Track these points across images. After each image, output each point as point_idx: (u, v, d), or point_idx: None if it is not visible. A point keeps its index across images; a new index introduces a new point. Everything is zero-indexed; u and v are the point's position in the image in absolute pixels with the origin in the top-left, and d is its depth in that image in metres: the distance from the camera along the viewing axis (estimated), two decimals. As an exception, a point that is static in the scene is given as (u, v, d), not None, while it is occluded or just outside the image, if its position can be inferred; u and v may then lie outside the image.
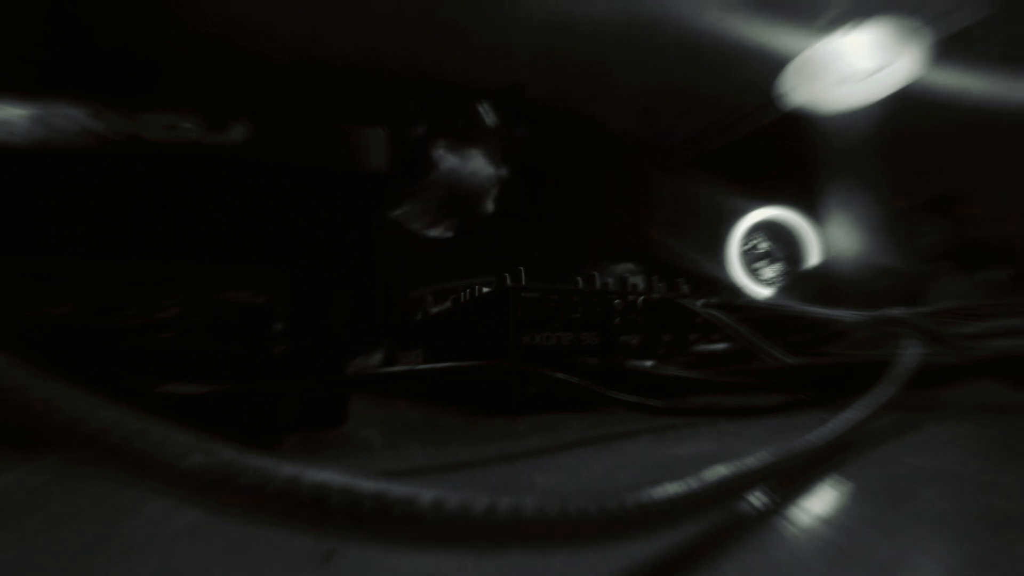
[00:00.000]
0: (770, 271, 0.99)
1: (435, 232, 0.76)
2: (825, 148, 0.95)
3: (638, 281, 0.40)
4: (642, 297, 0.39)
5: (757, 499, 0.14)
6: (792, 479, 0.16)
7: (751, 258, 0.98)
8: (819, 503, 0.15)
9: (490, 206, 0.78)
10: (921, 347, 0.30)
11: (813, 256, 0.97)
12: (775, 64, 0.86)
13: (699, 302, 0.40)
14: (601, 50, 0.86)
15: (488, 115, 0.79)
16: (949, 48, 0.76)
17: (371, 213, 0.29)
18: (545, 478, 0.19)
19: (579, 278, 0.38)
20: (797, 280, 0.93)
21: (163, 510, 0.15)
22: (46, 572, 0.12)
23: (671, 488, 0.10)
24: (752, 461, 0.13)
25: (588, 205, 1.01)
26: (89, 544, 0.13)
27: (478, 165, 0.76)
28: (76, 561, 0.12)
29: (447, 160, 0.75)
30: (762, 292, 0.96)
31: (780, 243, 0.99)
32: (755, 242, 0.99)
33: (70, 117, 0.23)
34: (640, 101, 1.01)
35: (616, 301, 0.38)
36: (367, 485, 0.07)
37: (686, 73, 0.92)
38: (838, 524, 0.14)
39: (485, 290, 0.39)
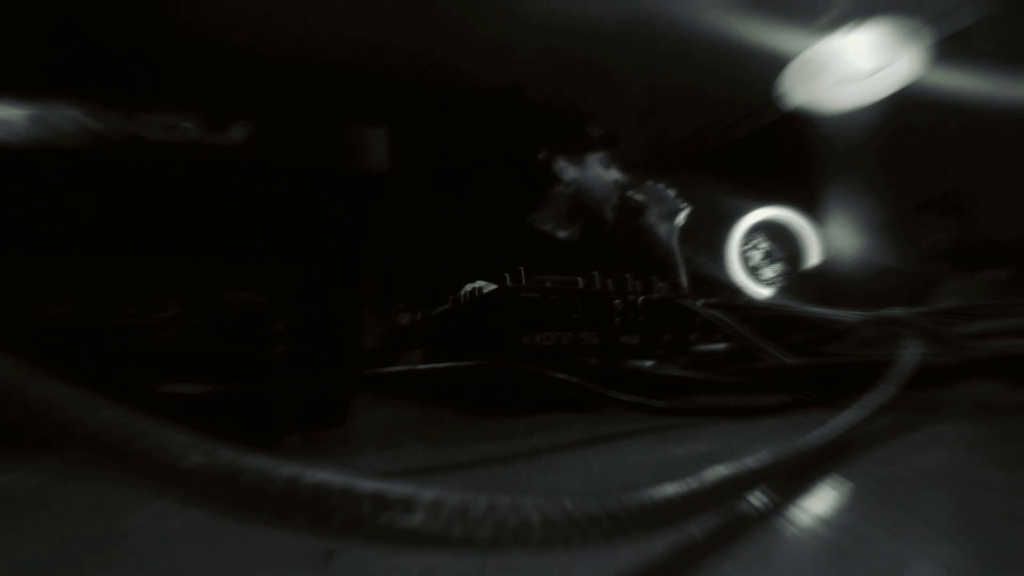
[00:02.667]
0: (770, 271, 0.99)
1: (565, 235, 0.80)
2: (825, 148, 0.95)
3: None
4: (642, 297, 0.39)
5: (757, 499, 0.14)
6: (792, 479, 0.16)
7: (751, 258, 0.98)
8: (819, 503, 0.15)
9: (611, 212, 0.81)
10: (921, 347, 0.30)
11: (813, 256, 0.97)
12: (775, 64, 0.86)
13: (699, 302, 0.40)
14: (601, 50, 0.87)
15: (595, 129, 0.85)
16: (949, 48, 0.76)
17: (371, 213, 0.29)
18: (545, 478, 0.19)
19: (579, 278, 0.38)
20: (797, 280, 0.93)
21: (162, 510, 0.15)
22: (46, 573, 0.12)
23: (671, 488, 0.10)
24: (752, 461, 0.13)
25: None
26: (89, 544, 0.13)
27: (597, 172, 0.80)
28: (76, 562, 0.12)
29: (568, 171, 0.80)
30: (762, 292, 0.96)
31: (780, 243, 0.99)
32: (755, 242, 0.99)
33: (69, 117, 0.23)
34: (640, 101, 1.01)
35: (616, 301, 0.38)
36: (367, 485, 0.07)
37: (686, 73, 0.92)
38: (838, 524, 0.14)
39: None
